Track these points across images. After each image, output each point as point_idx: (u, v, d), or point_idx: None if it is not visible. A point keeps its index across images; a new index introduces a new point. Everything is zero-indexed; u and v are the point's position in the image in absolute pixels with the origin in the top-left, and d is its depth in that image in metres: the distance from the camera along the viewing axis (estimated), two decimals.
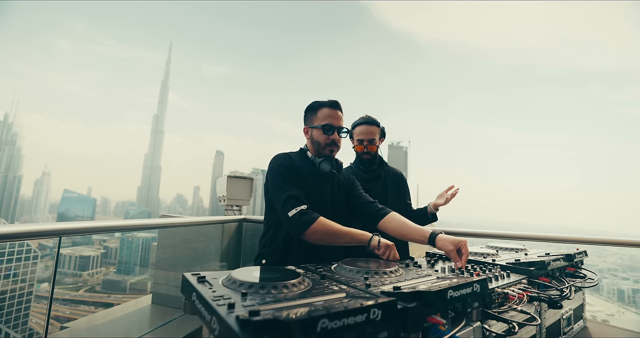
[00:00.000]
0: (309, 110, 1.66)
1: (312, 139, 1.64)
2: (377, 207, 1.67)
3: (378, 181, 2.13)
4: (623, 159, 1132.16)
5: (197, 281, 0.87)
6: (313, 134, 1.63)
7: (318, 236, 1.40)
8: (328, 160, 1.61)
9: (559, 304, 1.11)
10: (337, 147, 1.63)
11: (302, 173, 1.56)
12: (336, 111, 1.61)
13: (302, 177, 1.54)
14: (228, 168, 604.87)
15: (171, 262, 2.82)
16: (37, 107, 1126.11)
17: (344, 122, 1.64)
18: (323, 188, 1.61)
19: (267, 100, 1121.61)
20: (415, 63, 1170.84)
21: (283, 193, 1.45)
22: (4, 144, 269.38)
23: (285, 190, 1.46)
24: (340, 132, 1.61)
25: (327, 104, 1.61)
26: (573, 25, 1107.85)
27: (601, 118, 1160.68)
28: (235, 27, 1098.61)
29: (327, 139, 1.59)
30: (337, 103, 1.62)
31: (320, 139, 1.60)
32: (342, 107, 1.64)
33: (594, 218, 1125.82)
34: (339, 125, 1.60)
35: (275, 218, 1.58)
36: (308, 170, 1.59)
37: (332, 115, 1.59)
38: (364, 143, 2.06)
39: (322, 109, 1.61)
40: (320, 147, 1.61)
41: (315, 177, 1.60)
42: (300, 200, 1.45)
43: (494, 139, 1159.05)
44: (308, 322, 0.53)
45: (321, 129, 1.58)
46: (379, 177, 2.14)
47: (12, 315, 37.34)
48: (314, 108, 1.63)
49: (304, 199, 1.46)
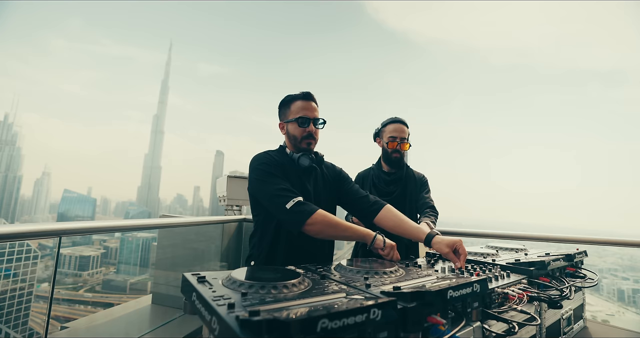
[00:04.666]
0: (283, 105, 1.61)
1: (289, 134, 1.59)
2: (370, 201, 1.63)
3: (399, 184, 2.11)
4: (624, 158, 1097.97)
5: (197, 281, 0.87)
6: (289, 128, 1.59)
7: (319, 227, 1.35)
8: (307, 155, 1.56)
9: (559, 304, 1.10)
10: (314, 139, 1.58)
11: (284, 170, 1.52)
12: (310, 102, 1.56)
13: (283, 173, 1.51)
14: (228, 168, 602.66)
15: (171, 262, 2.82)
16: (36, 107, 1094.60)
17: (319, 113, 1.59)
18: (305, 184, 1.57)
19: (266, 100, 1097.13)
20: (413, 62, 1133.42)
21: (272, 187, 1.41)
22: (4, 144, 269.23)
23: (274, 184, 1.42)
24: (316, 123, 1.57)
25: (300, 96, 1.57)
26: (572, 23, 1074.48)
27: (601, 117, 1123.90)
28: (233, 27, 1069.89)
29: (303, 131, 1.55)
30: (310, 94, 1.57)
31: (296, 133, 1.56)
32: (315, 98, 1.59)
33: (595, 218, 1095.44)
34: (314, 117, 1.56)
35: (262, 218, 1.55)
36: (289, 166, 1.55)
37: (306, 107, 1.55)
38: (397, 140, 2.03)
39: (296, 102, 1.56)
40: (297, 141, 1.57)
41: (296, 173, 1.56)
42: (293, 191, 1.41)
43: (494, 139, 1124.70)
44: (308, 322, 0.53)
45: (296, 122, 1.54)
46: (401, 179, 2.11)
47: (12, 315, 37.33)
48: (287, 102, 1.59)
49: (296, 191, 1.43)
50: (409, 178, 2.13)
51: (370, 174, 2.18)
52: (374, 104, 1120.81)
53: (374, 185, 2.14)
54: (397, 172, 2.11)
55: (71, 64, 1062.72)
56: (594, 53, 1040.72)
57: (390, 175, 2.11)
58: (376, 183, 2.14)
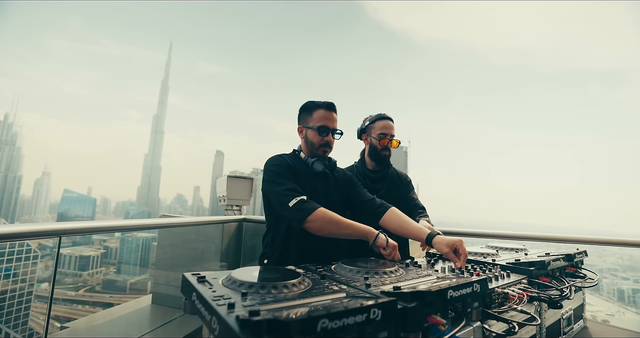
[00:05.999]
0: (305, 110, 1.67)
1: (307, 139, 1.66)
2: (376, 203, 1.67)
3: (384, 182, 2.06)
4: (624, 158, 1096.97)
5: (197, 281, 0.87)
6: (308, 134, 1.65)
7: (320, 224, 1.39)
8: (321, 160, 1.63)
9: (559, 304, 1.10)
10: (330, 148, 1.66)
11: (296, 172, 1.58)
12: (331, 113, 1.63)
13: (296, 175, 1.57)
14: (228, 168, 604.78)
15: (171, 262, 2.82)
16: (36, 107, 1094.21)
17: (337, 124, 1.66)
18: (317, 187, 1.62)
19: (266, 100, 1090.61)
20: (413, 62, 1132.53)
21: (280, 187, 1.47)
22: (4, 144, 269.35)
23: (281, 184, 1.48)
24: (334, 133, 1.64)
25: (323, 105, 1.63)
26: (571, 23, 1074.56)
27: (601, 117, 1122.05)
28: (233, 26, 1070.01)
29: (321, 140, 1.62)
30: (333, 105, 1.64)
31: (314, 140, 1.63)
32: (337, 109, 1.66)
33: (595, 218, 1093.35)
34: (333, 127, 1.63)
35: (275, 218, 1.59)
36: (301, 170, 1.61)
37: (328, 117, 1.61)
38: (388, 137, 1.97)
39: (318, 110, 1.62)
40: (314, 148, 1.64)
41: (308, 177, 1.62)
42: (298, 191, 1.47)
43: (494, 139, 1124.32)
44: (308, 322, 0.53)
45: (316, 130, 1.60)
46: (386, 177, 2.06)
47: (12, 315, 37.34)
48: (309, 108, 1.65)
49: (302, 191, 1.48)
50: (392, 176, 2.09)
51: (354, 172, 2.10)
52: (374, 104, 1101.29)
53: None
54: (382, 170, 2.05)
55: (71, 64, 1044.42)
56: (593, 53, 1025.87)
57: (375, 173, 2.05)
58: (361, 181, 2.04)
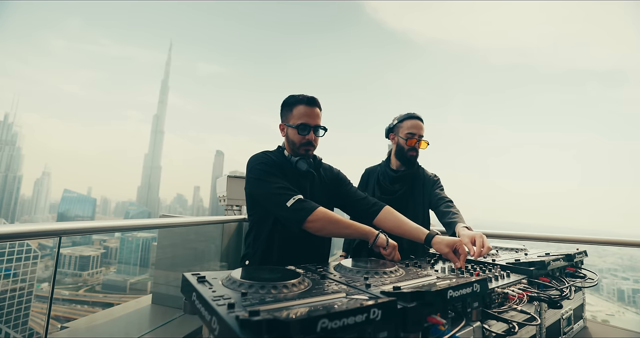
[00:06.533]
0: (285, 106, 1.56)
1: (288, 138, 1.56)
2: (370, 202, 1.62)
3: (405, 182, 1.97)
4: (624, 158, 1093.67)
5: (197, 281, 0.87)
6: (288, 132, 1.55)
7: (320, 224, 1.35)
8: (304, 159, 1.54)
9: (559, 304, 1.10)
10: (313, 146, 1.55)
11: (282, 171, 1.50)
12: (313, 109, 1.51)
13: (283, 173, 1.49)
14: (228, 168, 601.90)
15: (171, 262, 2.82)
16: (36, 107, 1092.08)
17: (321, 119, 1.54)
18: (302, 187, 1.55)
19: (266, 100, 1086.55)
20: (413, 62, 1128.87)
21: (271, 186, 1.40)
22: (4, 144, 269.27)
23: (272, 183, 1.40)
24: (316, 131, 1.53)
25: (304, 101, 1.50)
26: (571, 23, 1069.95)
27: (601, 117, 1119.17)
28: (233, 27, 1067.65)
29: (302, 139, 1.51)
30: (315, 100, 1.52)
31: (295, 139, 1.52)
32: (320, 103, 1.53)
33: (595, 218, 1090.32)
34: (315, 124, 1.51)
35: (258, 218, 1.54)
36: (286, 168, 1.54)
37: (309, 113, 1.50)
38: (416, 137, 1.89)
39: (298, 106, 1.51)
40: (295, 147, 1.54)
41: (294, 175, 1.54)
42: (292, 189, 1.40)
43: (494, 139, 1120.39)
44: (308, 322, 0.53)
45: (296, 128, 1.50)
46: (408, 177, 1.97)
47: (12, 315, 37.33)
48: (290, 104, 1.53)
49: (295, 189, 1.42)
50: (417, 178, 1.99)
51: (377, 170, 2.07)
52: (374, 104, 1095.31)
53: (377, 183, 2.03)
54: (405, 170, 1.97)
55: (70, 64, 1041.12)
56: (593, 53, 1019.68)
57: (397, 172, 1.97)
58: (380, 180, 2.02)
